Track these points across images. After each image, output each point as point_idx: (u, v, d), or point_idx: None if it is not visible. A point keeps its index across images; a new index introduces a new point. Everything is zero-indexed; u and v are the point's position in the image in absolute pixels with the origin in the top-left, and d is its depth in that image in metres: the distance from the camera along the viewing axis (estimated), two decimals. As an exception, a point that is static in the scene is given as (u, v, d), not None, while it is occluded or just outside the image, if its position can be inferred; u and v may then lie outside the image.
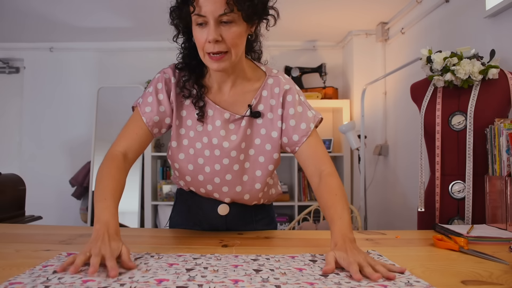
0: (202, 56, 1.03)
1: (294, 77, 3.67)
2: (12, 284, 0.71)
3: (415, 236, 1.24)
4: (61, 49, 3.82)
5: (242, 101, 1.13)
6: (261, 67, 1.18)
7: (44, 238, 1.13)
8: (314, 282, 0.74)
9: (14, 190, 2.01)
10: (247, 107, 1.12)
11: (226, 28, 0.98)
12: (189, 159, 1.13)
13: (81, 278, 0.74)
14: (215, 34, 0.96)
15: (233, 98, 1.13)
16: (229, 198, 1.17)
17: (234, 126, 1.12)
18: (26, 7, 2.91)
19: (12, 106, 3.93)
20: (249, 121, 1.12)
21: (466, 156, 1.46)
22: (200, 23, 0.98)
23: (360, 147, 3.00)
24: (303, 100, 1.15)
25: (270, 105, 1.13)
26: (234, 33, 0.98)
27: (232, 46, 1.00)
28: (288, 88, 1.13)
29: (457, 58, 1.52)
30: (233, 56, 1.01)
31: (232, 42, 0.99)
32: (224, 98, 1.13)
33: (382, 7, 2.96)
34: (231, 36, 0.98)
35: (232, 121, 1.12)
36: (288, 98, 1.13)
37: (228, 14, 0.96)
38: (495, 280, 0.78)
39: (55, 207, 3.75)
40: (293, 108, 1.12)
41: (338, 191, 1.03)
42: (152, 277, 0.75)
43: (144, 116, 1.11)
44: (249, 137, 1.12)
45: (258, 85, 1.14)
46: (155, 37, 3.67)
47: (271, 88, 1.14)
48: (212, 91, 1.14)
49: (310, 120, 1.12)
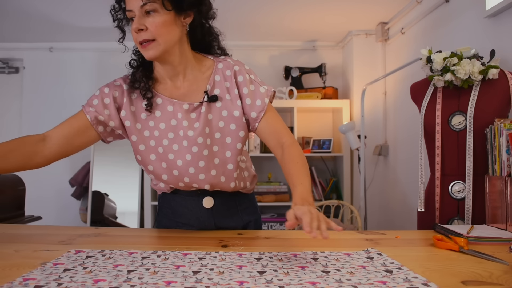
0: (139, 48, 1.10)
1: (294, 77, 3.67)
2: (26, 279, 0.73)
3: (415, 236, 1.24)
4: (61, 49, 3.82)
5: (197, 90, 1.18)
6: (209, 56, 1.24)
7: (43, 238, 1.13)
8: (316, 281, 0.76)
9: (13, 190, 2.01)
10: (204, 94, 1.17)
11: (150, 17, 1.06)
12: (160, 158, 1.18)
13: (92, 278, 0.76)
14: (137, 24, 1.06)
15: (187, 89, 1.19)
16: (208, 184, 1.20)
17: (195, 115, 1.17)
18: (26, 7, 2.91)
19: (12, 106, 3.93)
20: (208, 107, 1.17)
21: (466, 156, 1.46)
22: (131, 18, 1.08)
23: (360, 147, 3.00)
24: (254, 78, 1.21)
25: (225, 88, 1.19)
26: (156, 22, 1.06)
27: (157, 34, 1.07)
28: (238, 69, 1.19)
29: (457, 58, 1.52)
30: (161, 44, 1.08)
31: (155, 30, 1.06)
32: (180, 92, 1.18)
33: (382, 7, 2.96)
34: (154, 24, 1.06)
35: (192, 110, 1.17)
36: (239, 79, 1.19)
37: (148, 4, 1.04)
38: (495, 280, 0.78)
39: (55, 207, 3.75)
40: (246, 87, 1.18)
41: (299, 160, 1.12)
42: (161, 279, 0.76)
43: (88, 114, 1.20)
44: (212, 121, 1.17)
45: (209, 72, 1.20)
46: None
47: (222, 72, 1.20)
48: (167, 87, 1.19)
49: (264, 95, 1.19)
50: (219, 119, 1.17)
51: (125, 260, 0.88)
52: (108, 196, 3.50)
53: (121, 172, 3.56)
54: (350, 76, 3.55)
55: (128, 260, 0.89)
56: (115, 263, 0.86)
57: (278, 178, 3.73)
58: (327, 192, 3.57)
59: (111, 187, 3.53)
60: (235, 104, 1.18)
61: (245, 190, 1.32)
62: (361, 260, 0.91)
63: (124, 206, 3.53)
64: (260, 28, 3.28)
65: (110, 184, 3.53)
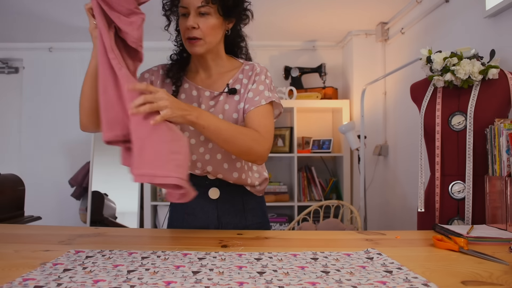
0: (184, 41, 1.24)
1: (294, 77, 3.67)
2: (25, 280, 0.73)
3: (415, 236, 1.24)
4: (61, 49, 3.82)
5: (221, 82, 1.30)
6: (240, 60, 1.37)
7: (43, 238, 1.13)
8: (316, 282, 0.75)
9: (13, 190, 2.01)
10: (225, 85, 1.29)
11: (203, 19, 1.19)
12: None
13: (91, 278, 0.76)
14: (192, 22, 1.18)
15: (213, 81, 1.31)
16: (210, 166, 1.26)
17: (213, 102, 1.28)
18: (25, 7, 2.91)
19: (11, 106, 3.92)
20: (226, 97, 1.28)
21: (466, 156, 1.46)
22: (184, 14, 1.21)
23: (360, 148, 3.00)
24: (268, 82, 1.30)
25: (244, 84, 1.29)
26: (209, 24, 1.20)
27: (206, 35, 1.20)
28: (259, 71, 1.30)
29: (457, 58, 1.52)
30: (206, 43, 1.21)
31: (205, 31, 1.20)
32: (206, 82, 1.32)
33: (382, 7, 2.96)
34: (206, 25, 1.19)
35: (212, 98, 1.28)
36: (256, 78, 1.29)
37: (204, 6, 1.18)
38: (495, 280, 0.78)
39: (54, 207, 3.75)
40: (256, 84, 1.28)
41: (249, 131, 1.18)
42: (160, 279, 0.76)
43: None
44: (227, 111, 1.27)
45: (236, 71, 1.32)
46: (154, 37, 3.65)
47: (246, 72, 1.31)
48: (197, 76, 1.33)
49: (265, 97, 1.26)
50: (234, 111, 1.27)
51: (124, 260, 0.88)
52: (108, 196, 3.50)
53: (120, 172, 3.54)
54: (350, 76, 3.55)
55: (128, 260, 0.88)
56: (115, 263, 0.86)
57: (278, 178, 3.73)
58: (327, 192, 3.57)
59: (110, 187, 3.53)
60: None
61: (253, 190, 1.35)
62: (361, 260, 0.91)
63: (124, 206, 3.53)
64: (260, 28, 3.28)
65: (109, 184, 3.53)
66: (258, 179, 1.35)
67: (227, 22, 1.26)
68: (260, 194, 1.39)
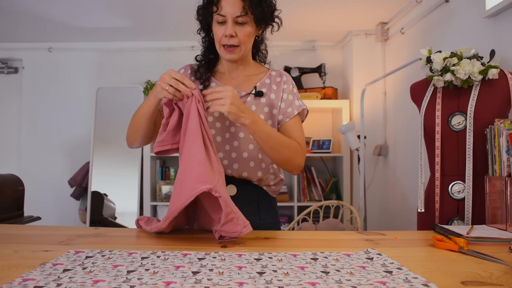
0: (218, 47, 1.29)
1: (294, 77, 3.67)
2: (25, 280, 0.73)
3: (414, 236, 1.24)
4: (60, 49, 3.82)
5: (248, 84, 1.37)
6: (265, 66, 1.45)
7: (42, 238, 1.12)
8: (316, 282, 0.75)
9: (12, 190, 2.00)
10: (253, 88, 1.35)
11: (240, 27, 1.24)
12: None
13: (91, 278, 0.76)
14: (231, 31, 1.23)
15: (240, 81, 1.38)
16: (237, 164, 1.32)
17: None
18: (25, 7, 2.91)
19: (11, 106, 3.92)
20: (253, 99, 1.34)
21: (466, 157, 1.46)
22: (220, 22, 1.24)
23: (359, 148, 3.00)
24: (295, 91, 1.40)
25: (272, 89, 1.37)
26: (246, 32, 1.25)
27: (242, 42, 1.26)
28: (286, 79, 1.39)
29: (457, 58, 1.52)
30: (242, 50, 1.28)
31: (243, 39, 1.26)
32: (233, 82, 1.37)
33: (381, 7, 2.96)
34: (243, 34, 1.25)
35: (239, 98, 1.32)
36: (284, 86, 1.38)
37: (243, 16, 1.23)
38: (495, 281, 0.78)
39: (54, 207, 3.75)
40: (286, 94, 1.37)
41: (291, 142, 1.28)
42: (160, 280, 0.76)
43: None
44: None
45: (262, 75, 1.40)
46: (154, 37, 3.66)
47: (274, 78, 1.39)
48: (224, 76, 1.39)
49: (296, 107, 1.36)
50: (260, 113, 1.33)
51: (124, 261, 0.88)
52: (108, 196, 3.50)
53: (120, 172, 3.56)
54: (350, 76, 3.55)
55: (128, 261, 0.88)
56: (115, 263, 0.86)
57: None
58: (327, 192, 3.57)
59: (110, 188, 3.52)
60: (276, 104, 1.36)
61: (269, 190, 1.42)
62: (361, 260, 0.91)
63: (124, 206, 3.52)
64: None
65: (109, 184, 3.52)
66: (274, 180, 1.42)
67: (258, 29, 1.32)
68: (274, 194, 1.46)
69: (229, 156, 1.32)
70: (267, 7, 1.28)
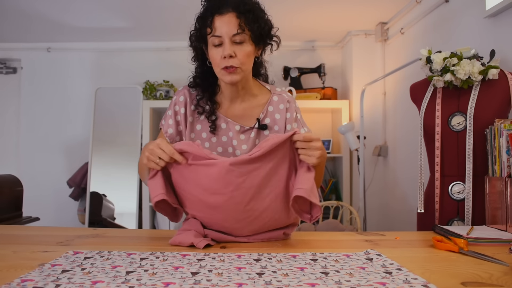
0: (218, 71, 1.20)
1: (293, 77, 3.66)
2: (24, 281, 0.73)
3: (414, 237, 1.24)
4: (59, 49, 3.81)
5: (250, 115, 1.29)
6: (266, 86, 1.36)
7: (41, 239, 1.12)
8: (315, 283, 0.75)
9: (11, 191, 2.00)
10: (255, 120, 1.28)
11: (239, 47, 1.17)
12: None
13: (90, 279, 0.76)
14: (230, 50, 1.15)
15: (242, 112, 1.29)
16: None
17: (244, 137, 1.28)
18: (24, 7, 2.90)
19: (10, 106, 3.91)
20: (257, 133, 1.28)
21: (466, 157, 1.45)
22: (217, 44, 1.17)
23: (359, 148, 3.00)
24: (299, 117, 1.34)
25: (275, 119, 1.30)
26: (245, 51, 1.17)
27: (242, 63, 1.18)
28: (289, 106, 1.32)
29: (456, 59, 1.52)
30: (243, 71, 1.19)
31: (242, 59, 1.17)
32: (235, 113, 1.29)
33: (381, 7, 2.96)
34: (242, 53, 1.17)
35: (242, 132, 1.28)
36: (287, 115, 1.31)
37: (240, 34, 1.15)
38: (495, 281, 0.78)
39: (53, 208, 3.74)
40: (290, 124, 1.30)
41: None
42: (159, 280, 0.76)
43: (168, 137, 1.30)
44: None
45: (264, 101, 1.31)
46: (153, 37, 3.66)
47: (276, 104, 1.31)
48: (224, 106, 1.30)
49: None
50: None
51: (123, 261, 0.88)
52: (106, 197, 3.49)
53: (119, 173, 3.55)
54: (350, 76, 3.55)
55: (127, 261, 0.88)
56: (113, 264, 0.86)
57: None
58: (326, 193, 3.56)
59: (109, 188, 3.52)
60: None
61: None
62: (361, 261, 0.91)
63: (122, 207, 3.52)
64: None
65: (108, 185, 3.52)
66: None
67: (257, 49, 1.25)
68: None
69: None
70: (264, 23, 1.22)
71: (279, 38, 1.30)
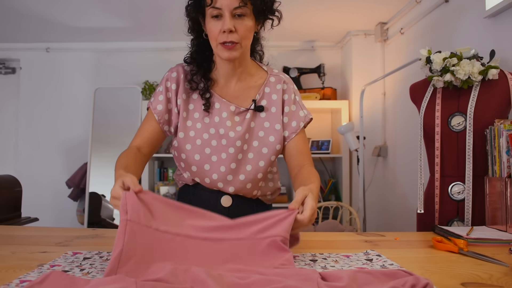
0: (215, 46, 1.12)
1: (293, 77, 3.66)
2: (23, 281, 0.73)
3: (414, 238, 1.24)
4: (58, 49, 3.81)
5: (246, 95, 1.23)
6: (263, 66, 1.29)
7: (40, 240, 1.12)
8: None
9: (10, 191, 2.00)
10: (251, 101, 1.22)
11: (239, 21, 1.09)
12: (196, 149, 1.20)
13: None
14: (230, 25, 1.07)
15: (238, 92, 1.23)
16: (233, 187, 1.22)
17: (239, 118, 1.21)
18: (23, 7, 2.90)
19: (8, 107, 3.91)
20: (253, 114, 1.22)
21: (466, 157, 1.45)
22: (215, 16, 1.09)
23: (359, 148, 3.00)
24: (298, 99, 1.28)
25: (272, 100, 1.24)
26: (246, 26, 1.10)
27: (243, 38, 1.10)
28: (286, 88, 1.26)
29: (456, 59, 1.51)
30: (242, 47, 1.12)
31: (243, 34, 1.10)
32: (230, 92, 1.23)
33: (381, 7, 2.96)
34: (243, 28, 1.09)
35: (237, 113, 1.21)
36: (285, 97, 1.25)
37: (242, 7, 1.07)
38: (495, 282, 0.78)
39: (52, 208, 3.74)
40: (288, 106, 1.24)
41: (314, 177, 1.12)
42: None
43: (156, 114, 1.21)
44: (253, 129, 1.22)
45: (261, 82, 1.25)
46: (152, 37, 3.66)
47: (273, 85, 1.25)
48: (219, 85, 1.24)
49: (301, 120, 1.25)
50: (260, 129, 1.22)
51: (122, 262, 0.87)
52: (105, 197, 3.49)
53: (119, 173, 3.54)
54: (349, 76, 3.55)
55: (125, 262, 0.87)
56: (112, 265, 0.85)
57: (277, 179, 3.72)
58: (326, 193, 3.56)
59: (108, 189, 3.50)
60: (278, 118, 1.23)
61: (264, 199, 1.33)
62: (360, 262, 0.91)
63: (122, 207, 3.51)
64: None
65: (107, 185, 3.51)
66: (271, 189, 1.34)
67: (257, 24, 1.16)
68: (269, 202, 1.38)
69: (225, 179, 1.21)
70: None
71: (280, 13, 1.20)
